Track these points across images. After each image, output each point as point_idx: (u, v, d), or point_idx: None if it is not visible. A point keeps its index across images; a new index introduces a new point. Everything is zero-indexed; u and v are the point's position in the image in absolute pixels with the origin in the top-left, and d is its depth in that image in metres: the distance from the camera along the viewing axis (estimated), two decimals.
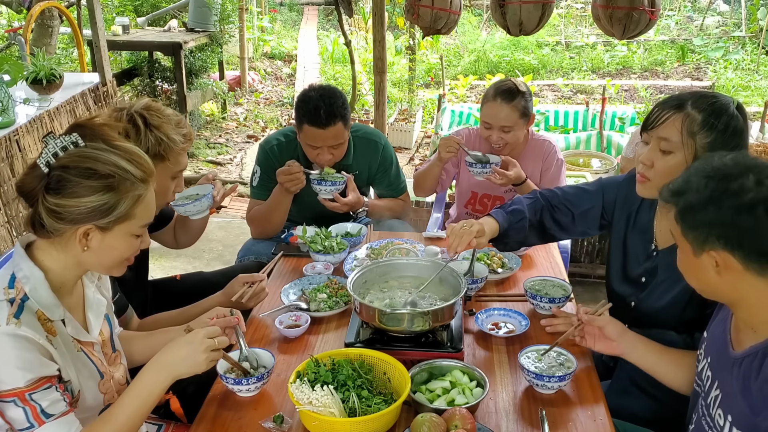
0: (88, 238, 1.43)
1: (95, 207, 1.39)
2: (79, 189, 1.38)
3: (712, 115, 1.73)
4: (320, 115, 2.50)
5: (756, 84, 8.53)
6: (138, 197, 1.44)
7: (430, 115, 7.47)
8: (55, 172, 1.38)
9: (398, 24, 9.63)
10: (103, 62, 4.32)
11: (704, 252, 1.37)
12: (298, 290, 2.18)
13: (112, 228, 1.43)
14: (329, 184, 2.59)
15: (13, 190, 3.30)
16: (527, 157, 2.83)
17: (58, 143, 1.38)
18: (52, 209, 1.39)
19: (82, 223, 1.40)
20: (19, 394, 1.34)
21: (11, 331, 1.34)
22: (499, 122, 2.69)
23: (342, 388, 1.58)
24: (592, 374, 1.80)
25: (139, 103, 1.90)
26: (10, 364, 1.34)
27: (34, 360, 1.37)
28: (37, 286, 1.43)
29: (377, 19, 4.20)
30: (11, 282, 1.41)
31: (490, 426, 1.59)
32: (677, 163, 1.75)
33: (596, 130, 5.66)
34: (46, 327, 1.42)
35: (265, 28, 10.99)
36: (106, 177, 1.39)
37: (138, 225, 1.47)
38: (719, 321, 1.56)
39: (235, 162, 6.44)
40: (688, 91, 1.87)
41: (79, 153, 1.39)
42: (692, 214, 1.37)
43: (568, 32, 11.11)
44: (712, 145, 1.73)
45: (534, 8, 3.24)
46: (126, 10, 8.43)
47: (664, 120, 1.77)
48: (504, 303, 2.12)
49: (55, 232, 1.41)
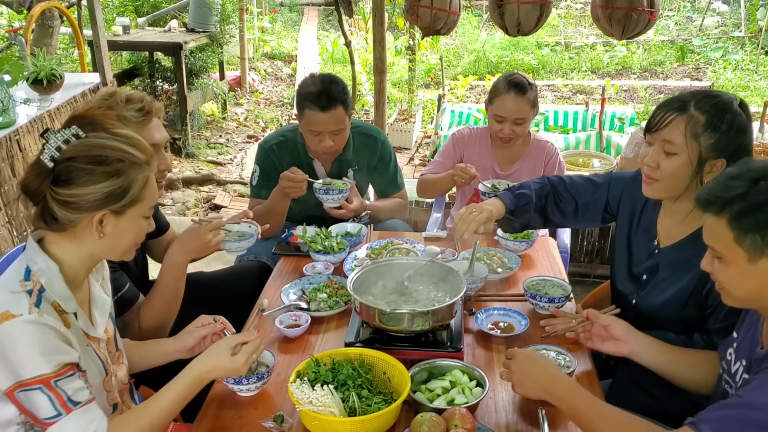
0: (103, 225, 1.46)
1: (110, 191, 1.42)
2: (93, 176, 1.41)
3: (716, 115, 1.73)
4: (322, 98, 2.51)
5: (755, 84, 8.53)
6: (146, 179, 1.49)
7: (430, 116, 7.47)
8: (62, 165, 1.40)
9: (398, 24, 9.63)
10: (104, 62, 4.32)
11: (764, 256, 1.35)
12: (298, 290, 2.19)
13: (126, 211, 1.47)
14: (336, 193, 2.58)
15: (14, 190, 3.31)
16: (528, 159, 2.83)
17: (60, 137, 1.41)
18: (65, 200, 1.41)
19: (97, 209, 1.43)
20: (44, 380, 1.35)
21: (34, 319, 1.36)
22: (513, 115, 2.70)
23: (342, 387, 1.59)
24: (592, 374, 1.80)
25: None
26: (36, 351, 1.35)
27: (59, 346, 1.39)
28: (53, 278, 1.45)
29: (377, 20, 4.20)
30: (27, 275, 1.43)
31: (490, 426, 1.59)
32: (682, 164, 1.76)
33: (596, 131, 5.66)
34: (62, 318, 1.44)
35: (266, 28, 11.00)
36: (117, 161, 1.43)
37: (147, 206, 1.52)
38: (750, 324, 1.55)
39: (236, 162, 6.45)
40: (690, 90, 1.88)
41: (84, 143, 1.42)
42: (754, 216, 1.34)
43: (568, 32, 11.12)
44: (716, 145, 1.74)
45: (532, 8, 3.24)
46: (126, 11, 8.44)
47: (667, 122, 1.77)
48: (504, 303, 2.13)
49: (69, 223, 1.44)
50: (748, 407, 1.31)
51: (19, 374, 1.34)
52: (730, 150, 1.74)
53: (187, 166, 6.25)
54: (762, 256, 1.35)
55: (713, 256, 1.45)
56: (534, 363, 1.58)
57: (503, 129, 2.73)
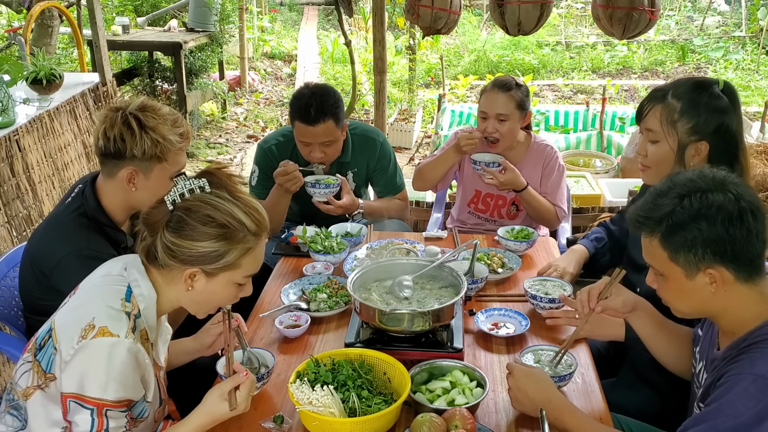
0: (194, 280, 1.49)
1: (206, 252, 1.45)
2: (195, 233, 1.44)
3: (690, 101, 1.82)
4: (309, 113, 2.53)
5: (756, 84, 8.53)
6: (247, 249, 1.48)
7: (430, 115, 7.47)
8: (177, 212, 1.44)
9: (398, 24, 9.63)
10: (103, 62, 4.31)
11: (699, 272, 1.36)
12: (298, 290, 2.18)
13: (218, 274, 1.49)
14: (323, 187, 2.60)
15: (13, 190, 3.30)
16: (528, 163, 2.82)
17: (187, 185, 1.46)
18: (168, 246, 1.45)
19: (191, 264, 1.46)
20: (99, 405, 1.37)
21: (128, 345, 1.39)
22: (495, 110, 2.70)
23: (342, 388, 1.58)
24: (592, 373, 1.79)
25: (134, 103, 1.87)
26: (112, 376, 1.37)
27: (133, 380, 1.41)
28: (149, 307, 1.49)
29: (377, 19, 4.20)
30: (128, 295, 1.46)
31: (490, 426, 1.59)
32: (666, 151, 1.86)
33: (596, 130, 5.66)
34: (145, 347, 1.47)
35: (265, 28, 11.00)
36: (221, 226, 1.44)
37: (242, 275, 1.52)
38: (709, 323, 1.56)
39: (235, 162, 6.44)
40: (674, 79, 1.96)
41: (202, 198, 1.46)
42: (682, 234, 1.35)
43: (569, 32, 11.11)
44: (694, 129, 1.82)
45: (533, 8, 3.24)
46: (126, 10, 8.43)
47: (647, 112, 1.89)
48: (504, 303, 2.12)
49: (165, 266, 1.48)
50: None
51: (84, 388, 1.36)
52: (708, 132, 1.80)
53: (187, 166, 6.22)
54: (698, 271, 1.36)
55: (655, 274, 1.47)
56: (531, 381, 1.58)
57: (487, 126, 2.72)
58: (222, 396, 1.47)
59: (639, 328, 1.74)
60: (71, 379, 1.37)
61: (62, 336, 1.41)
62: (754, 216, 1.33)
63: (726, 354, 1.39)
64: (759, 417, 1.26)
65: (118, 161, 1.85)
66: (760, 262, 1.36)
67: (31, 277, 1.94)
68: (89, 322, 1.39)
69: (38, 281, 1.91)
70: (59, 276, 1.84)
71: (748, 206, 1.33)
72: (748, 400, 1.27)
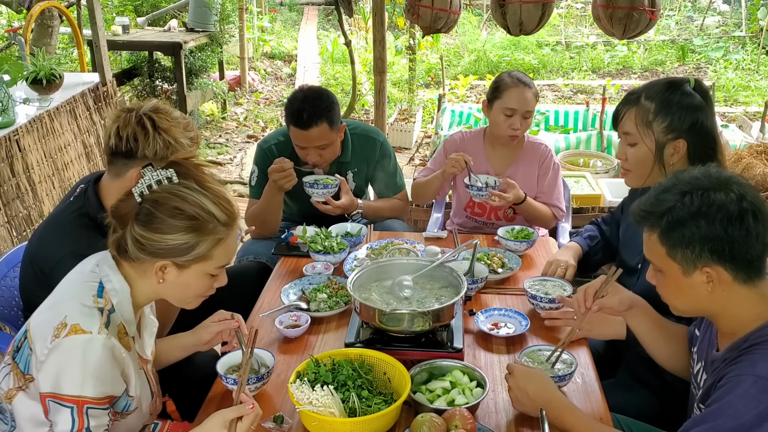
0: (165, 272, 1.47)
1: (176, 245, 1.43)
2: (164, 226, 1.41)
3: (663, 101, 1.86)
4: (302, 117, 2.53)
5: (756, 84, 8.53)
6: (218, 240, 1.46)
7: (430, 115, 7.46)
8: (146, 205, 1.42)
9: (398, 24, 9.64)
10: (103, 62, 4.32)
11: (696, 269, 1.36)
12: (298, 290, 2.18)
13: (189, 266, 1.47)
14: (321, 187, 2.60)
15: (13, 190, 3.30)
16: (523, 161, 2.81)
17: (154, 176, 1.43)
18: (137, 239, 1.42)
19: (161, 257, 1.44)
20: (79, 403, 1.35)
21: (102, 341, 1.38)
22: (524, 107, 2.66)
23: (342, 388, 1.58)
24: (592, 373, 1.79)
25: (147, 104, 1.89)
26: (87, 372, 1.35)
27: (113, 376, 1.40)
28: (123, 301, 1.47)
29: (377, 19, 4.20)
30: (100, 291, 1.45)
31: (490, 426, 1.59)
32: (644, 152, 1.91)
33: (596, 130, 5.65)
34: (123, 342, 1.45)
35: (265, 28, 10.99)
36: (190, 218, 1.42)
37: (215, 266, 1.50)
38: (707, 324, 1.56)
39: (235, 162, 6.44)
40: (646, 82, 2.01)
41: (169, 190, 1.43)
42: (681, 231, 1.35)
43: (569, 32, 11.11)
44: (669, 127, 1.86)
45: (534, 8, 3.24)
46: (126, 10, 8.43)
47: (623, 116, 1.94)
48: (504, 303, 2.12)
49: (136, 259, 1.45)
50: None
51: (60, 386, 1.35)
52: (684, 129, 1.84)
53: None
54: (695, 269, 1.36)
55: (654, 270, 1.47)
56: (531, 381, 1.58)
57: (513, 123, 2.67)
58: (223, 424, 1.40)
59: (635, 326, 1.73)
60: (47, 379, 1.35)
61: (36, 336, 1.40)
62: (756, 217, 1.32)
63: (726, 355, 1.39)
64: (760, 418, 1.26)
65: (128, 161, 1.85)
66: (760, 264, 1.36)
67: (31, 276, 1.94)
68: (61, 321, 1.38)
69: (38, 281, 1.91)
70: (59, 276, 1.83)
71: (750, 207, 1.33)
72: (750, 402, 1.27)
